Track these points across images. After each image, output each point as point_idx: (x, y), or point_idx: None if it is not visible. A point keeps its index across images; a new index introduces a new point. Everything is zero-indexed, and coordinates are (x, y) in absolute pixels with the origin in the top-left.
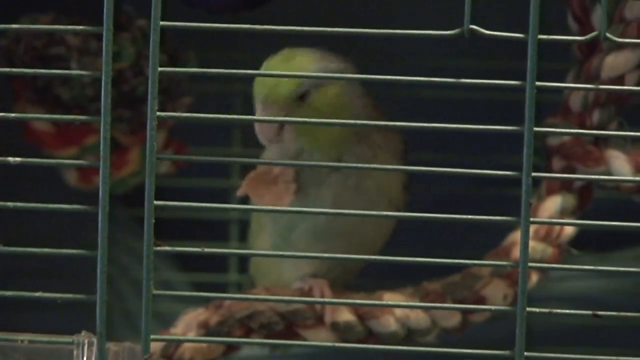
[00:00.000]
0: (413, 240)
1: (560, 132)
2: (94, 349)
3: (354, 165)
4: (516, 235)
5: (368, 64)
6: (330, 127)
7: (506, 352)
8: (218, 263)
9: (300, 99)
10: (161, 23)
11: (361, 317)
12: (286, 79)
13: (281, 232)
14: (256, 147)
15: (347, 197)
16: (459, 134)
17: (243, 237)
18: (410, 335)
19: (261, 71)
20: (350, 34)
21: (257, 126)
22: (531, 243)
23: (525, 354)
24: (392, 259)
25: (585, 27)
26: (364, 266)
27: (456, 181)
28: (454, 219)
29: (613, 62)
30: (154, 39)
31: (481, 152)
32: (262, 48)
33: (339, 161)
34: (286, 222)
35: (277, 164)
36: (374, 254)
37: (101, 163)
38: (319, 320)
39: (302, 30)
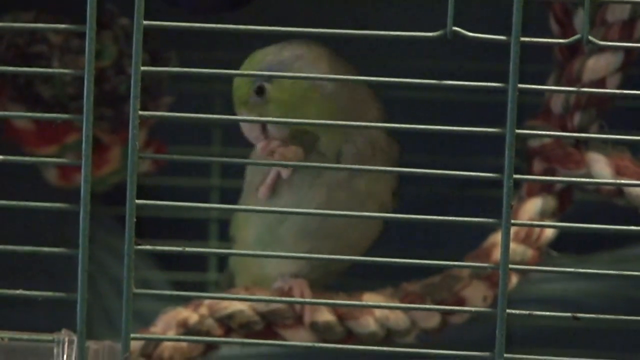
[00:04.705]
0: (393, 241)
1: (542, 134)
2: (74, 347)
3: (338, 166)
4: (496, 237)
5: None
6: (312, 104)
7: (486, 354)
8: (197, 262)
9: (258, 96)
10: (144, 22)
11: (341, 318)
12: (241, 81)
13: (269, 225)
14: (236, 146)
15: (341, 196)
16: (440, 135)
17: (223, 236)
18: (389, 335)
19: (242, 71)
20: (332, 35)
21: (243, 130)
22: (511, 245)
23: (505, 355)
24: (372, 259)
25: (567, 29)
26: (347, 267)
27: (437, 182)
28: (435, 220)
29: (594, 65)
30: (137, 38)
31: (462, 153)
32: (244, 48)
33: (339, 152)
34: (276, 215)
35: (261, 165)
36: (358, 255)
37: (83, 162)
38: (299, 320)
39: (284, 31)
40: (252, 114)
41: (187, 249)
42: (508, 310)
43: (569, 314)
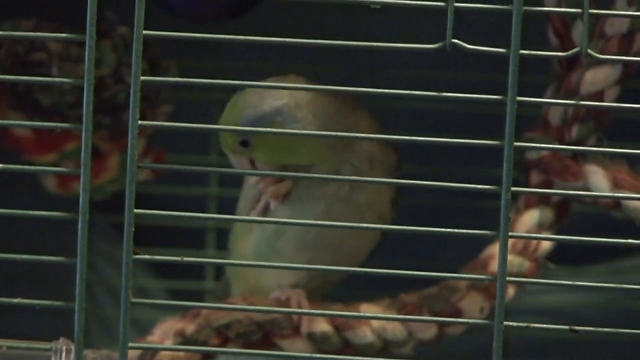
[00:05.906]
0: (391, 252)
1: (541, 147)
2: (72, 356)
3: (336, 177)
4: (494, 248)
5: (350, 76)
6: (300, 150)
7: None
8: (194, 271)
9: (244, 146)
10: (144, 32)
11: (338, 328)
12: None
13: (268, 238)
14: None
15: (339, 209)
16: (439, 146)
17: (220, 245)
18: (386, 346)
19: (246, 82)
20: (332, 46)
21: (233, 164)
22: (509, 256)
23: None
24: (369, 270)
25: (565, 42)
26: (345, 276)
27: (435, 193)
28: (432, 231)
29: (593, 78)
30: (137, 48)
31: (460, 164)
32: (244, 57)
33: (337, 172)
34: (275, 228)
35: (262, 175)
36: (356, 266)
37: (82, 171)
38: (296, 330)
39: (283, 41)
40: (240, 158)
41: (186, 258)
42: (505, 322)
43: (566, 327)
